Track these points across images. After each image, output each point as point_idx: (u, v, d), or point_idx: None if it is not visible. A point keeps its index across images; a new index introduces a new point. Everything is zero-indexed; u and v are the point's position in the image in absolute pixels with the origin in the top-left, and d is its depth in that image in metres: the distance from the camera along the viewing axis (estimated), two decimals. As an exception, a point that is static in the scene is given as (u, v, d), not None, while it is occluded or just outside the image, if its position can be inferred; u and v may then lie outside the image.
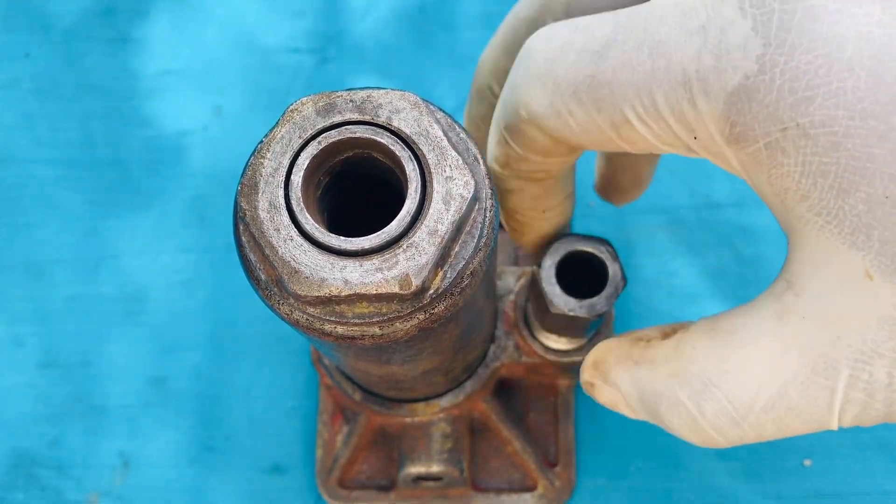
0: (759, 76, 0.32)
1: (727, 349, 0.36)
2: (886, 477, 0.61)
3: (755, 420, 0.36)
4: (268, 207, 0.34)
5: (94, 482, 0.63)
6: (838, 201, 0.31)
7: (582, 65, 0.36)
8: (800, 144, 0.32)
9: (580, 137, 0.38)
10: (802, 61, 0.31)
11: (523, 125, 0.40)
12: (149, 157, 0.70)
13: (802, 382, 0.34)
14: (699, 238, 0.66)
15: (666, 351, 0.39)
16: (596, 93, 0.36)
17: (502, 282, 0.58)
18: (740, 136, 0.33)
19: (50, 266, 0.67)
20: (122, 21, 0.73)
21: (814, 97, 0.31)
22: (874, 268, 0.31)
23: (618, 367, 0.41)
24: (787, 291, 0.34)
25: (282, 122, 0.35)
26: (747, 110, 0.32)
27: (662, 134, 0.36)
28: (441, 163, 0.34)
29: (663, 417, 0.39)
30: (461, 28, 0.72)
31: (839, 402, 0.34)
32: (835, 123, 0.31)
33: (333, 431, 0.61)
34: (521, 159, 0.42)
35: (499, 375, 0.58)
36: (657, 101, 0.34)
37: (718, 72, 0.33)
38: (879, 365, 0.32)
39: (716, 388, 0.36)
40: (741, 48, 0.32)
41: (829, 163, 0.31)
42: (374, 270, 0.33)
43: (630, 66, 0.35)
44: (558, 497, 0.60)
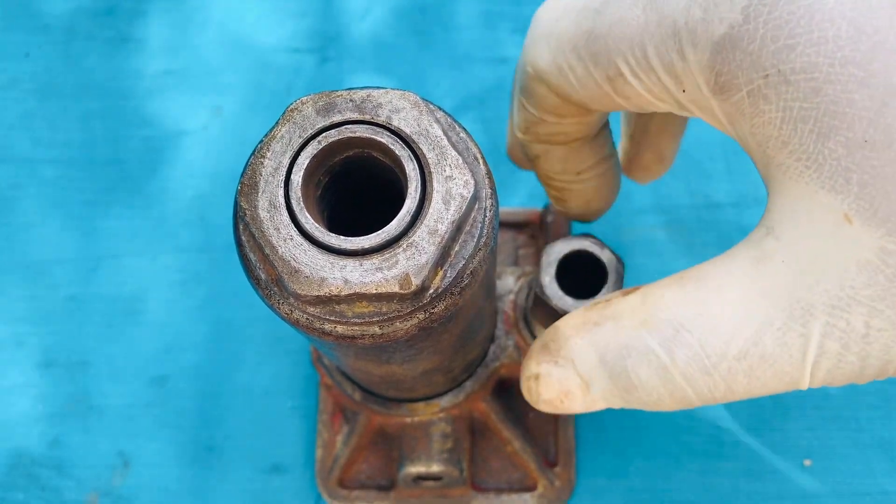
0: (743, 26, 0.33)
1: (701, 293, 0.35)
2: (886, 477, 0.61)
3: (727, 369, 0.35)
4: (268, 207, 0.34)
5: (93, 482, 0.63)
6: (818, 145, 0.31)
7: (582, 22, 0.39)
8: (781, 91, 0.32)
9: (580, 93, 0.40)
10: (785, 11, 0.32)
11: (532, 83, 0.42)
12: (148, 157, 0.70)
13: (778, 328, 0.33)
14: (699, 238, 0.66)
15: (631, 303, 0.38)
16: (593, 47, 0.38)
17: (502, 282, 0.58)
18: (725, 85, 0.34)
19: (50, 266, 0.67)
20: (121, 21, 0.73)
21: (795, 45, 0.32)
22: (853, 211, 0.31)
23: (573, 336, 0.39)
24: (766, 237, 0.34)
25: (282, 121, 0.35)
26: (732, 59, 0.33)
27: (653, 87, 0.37)
28: (441, 162, 0.34)
29: (630, 372, 0.37)
30: (461, 28, 0.72)
31: (813, 353, 0.33)
32: (815, 70, 0.31)
33: (333, 431, 0.61)
34: (538, 121, 0.44)
35: (499, 375, 0.58)
36: (648, 54, 0.36)
37: (706, 23, 0.34)
38: (857, 313, 0.32)
39: (688, 332, 0.35)
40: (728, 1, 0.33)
41: (809, 108, 0.32)
42: (373, 270, 0.33)
43: (625, 20, 0.37)
44: (558, 497, 0.60)
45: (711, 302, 0.35)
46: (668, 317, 0.36)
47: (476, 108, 0.70)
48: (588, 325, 0.39)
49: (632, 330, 0.37)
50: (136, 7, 0.73)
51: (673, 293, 0.36)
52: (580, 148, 0.46)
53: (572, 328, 0.40)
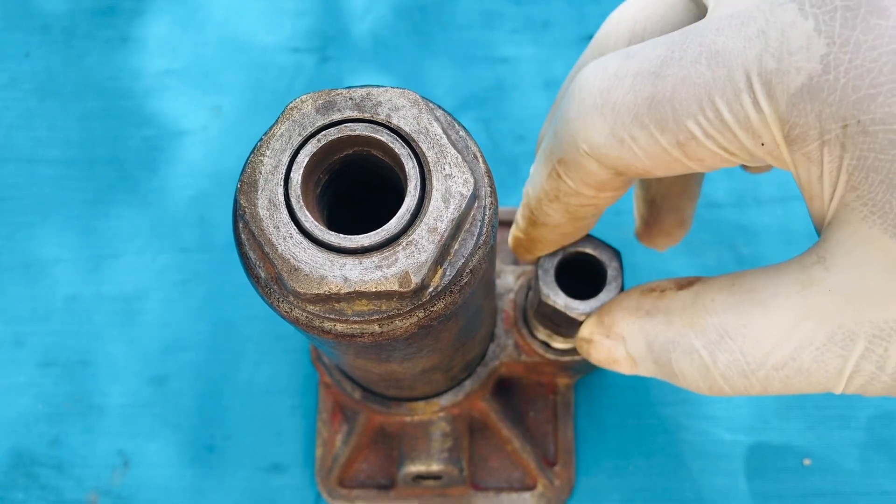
0: (823, 76, 0.32)
1: (748, 306, 0.37)
2: (886, 477, 0.61)
3: (764, 375, 0.37)
4: (267, 205, 0.34)
5: (93, 481, 0.63)
6: (886, 195, 0.32)
7: (639, 87, 0.36)
8: (858, 140, 0.32)
9: (645, 163, 0.38)
10: (868, 59, 0.31)
11: (582, 159, 0.39)
12: (148, 157, 0.70)
13: (818, 348, 0.35)
14: (699, 238, 0.66)
15: (683, 301, 0.40)
16: (658, 113, 0.36)
17: (502, 280, 0.58)
18: (799, 136, 0.33)
19: (50, 266, 0.67)
20: (121, 21, 0.73)
21: (877, 95, 0.31)
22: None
23: (626, 318, 0.42)
24: (816, 264, 0.35)
25: (281, 119, 0.35)
26: (809, 110, 0.33)
27: (728, 145, 0.36)
28: (440, 160, 0.34)
29: (674, 365, 0.40)
30: (461, 27, 0.72)
31: (849, 371, 0.35)
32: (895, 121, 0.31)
33: (333, 430, 0.61)
34: (573, 194, 0.42)
35: (498, 374, 0.58)
36: (721, 111, 0.34)
37: (781, 74, 0.33)
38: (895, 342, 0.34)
39: (731, 340, 0.38)
40: (804, 49, 0.32)
41: (884, 159, 0.32)
42: (373, 268, 0.33)
43: (689, 79, 0.35)
44: (558, 496, 0.60)
45: (757, 315, 0.37)
46: (714, 322, 0.38)
47: (476, 108, 0.70)
48: (640, 311, 0.42)
49: (680, 327, 0.40)
50: (136, 7, 0.73)
51: (723, 299, 0.38)
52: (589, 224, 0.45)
53: (626, 310, 0.43)
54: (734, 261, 0.65)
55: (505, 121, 0.70)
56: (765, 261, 0.65)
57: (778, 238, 0.65)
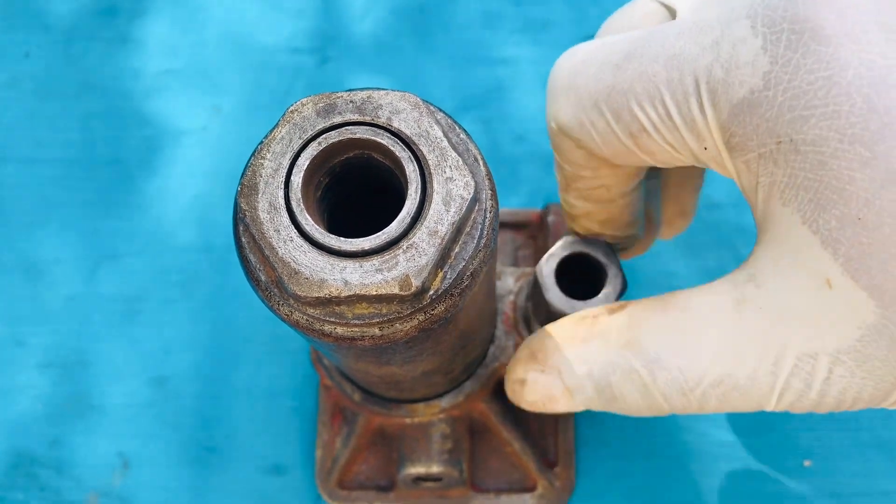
0: (763, 91, 0.34)
1: (683, 325, 0.39)
2: (886, 477, 0.61)
3: (701, 393, 0.38)
4: (268, 208, 0.34)
5: (93, 482, 0.63)
6: (814, 214, 0.33)
7: (602, 76, 0.39)
8: (790, 158, 0.33)
9: (602, 148, 0.40)
10: (805, 81, 0.33)
11: (556, 138, 0.42)
12: (148, 157, 0.70)
13: (750, 366, 0.37)
14: (699, 238, 0.66)
15: (618, 323, 0.41)
16: (614, 102, 0.38)
17: (502, 282, 0.58)
18: (738, 145, 0.35)
19: (50, 266, 0.67)
20: (121, 21, 0.73)
21: (810, 116, 0.33)
22: (835, 278, 0.33)
23: (561, 349, 0.43)
24: (748, 282, 0.37)
25: (282, 122, 0.35)
26: (748, 122, 0.34)
27: (675, 142, 0.38)
28: (441, 164, 0.34)
29: (614, 386, 0.41)
30: (461, 28, 0.72)
31: (780, 388, 0.36)
32: (825, 144, 0.32)
33: (333, 432, 0.61)
34: (575, 177, 0.44)
35: (499, 376, 0.58)
36: (670, 109, 0.36)
37: (726, 84, 0.35)
38: (823, 361, 0.35)
39: (669, 359, 0.39)
40: (750, 64, 0.34)
41: (812, 179, 0.33)
42: (373, 271, 0.33)
43: (646, 75, 0.37)
44: (558, 497, 0.60)
45: (693, 334, 0.38)
46: (651, 341, 0.40)
47: (476, 109, 0.70)
48: (576, 339, 0.43)
49: (618, 349, 0.41)
50: (136, 7, 0.73)
51: (658, 319, 0.40)
52: (620, 212, 0.47)
53: (560, 341, 0.43)
54: (734, 261, 0.65)
55: (505, 121, 0.70)
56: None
57: (778, 239, 0.65)
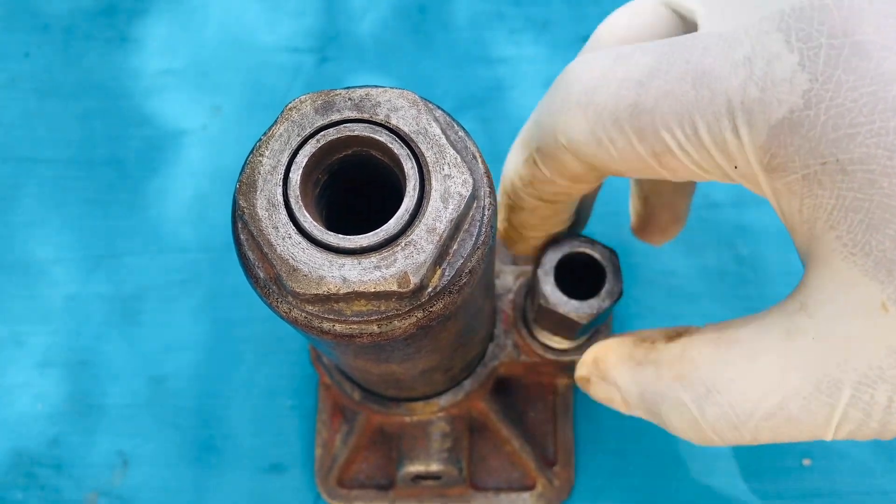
0: (804, 111, 0.32)
1: (733, 358, 0.38)
2: (886, 477, 0.61)
3: (754, 427, 0.37)
4: (266, 205, 0.34)
5: (93, 481, 0.63)
6: (866, 236, 0.32)
7: (624, 93, 0.37)
8: (837, 179, 0.32)
9: (619, 165, 0.39)
10: (848, 98, 0.31)
11: (559, 152, 0.40)
12: (148, 157, 0.70)
13: (804, 398, 0.35)
14: (698, 238, 0.66)
15: (671, 354, 0.40)
16: (638, 121, 0.36)
17: (501, 281, 0.58)
18: (779, 166, 0.34)
19: (49, 266, 0.67)
20: (121, 20, 0.73)
21: (856, 135, 0.31)
22: (891, 301, 0.32)
23: (619, 366, 0.43)
24: (799, 312, 0.35)
25: (280, 120, 0.35)
26: (789, 143, 0.33)
27: (702, 162, 0.36)
28: (439, 161, 0.34)
29: (664, 417, 0.40)
30: (460, 27, 0.72)
31: (837, 419, 0.35)
32: (873, 162, 0.31)
33: (332, 431, 0.61)
34: (547, 182, 0.42)
35: (498, 374, 0.58)
36: (699, 130, 0.35)
37: (763, 104, 0.33)
38: (882, 389, 0.34)
39: (719, 394, 0.38)
40: (788, 82, 0.33)
41: (862, 199, 0.32)
42: (372, 268, 0.33)
43: (673, 95, 0.35)
44: (557, 496, 0.60)
45: (743, 367, 0.37)
46: (702, 376, 0.39)
47: (475, 108, 0.70)
48: (632, 361, 0.42)
49: (669, 380, 0.40)
50: (136, 7, 0.73)
51: (709, 352, 0.39)
52: (565, 208, 0.46)
53: (618, 358, 0.43)
54: (733, 261, 0.65)
55: (504, 121, 0.70)
56: (764, 261, 0.65)
57: (777, 238, 0.65)
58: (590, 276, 0.50)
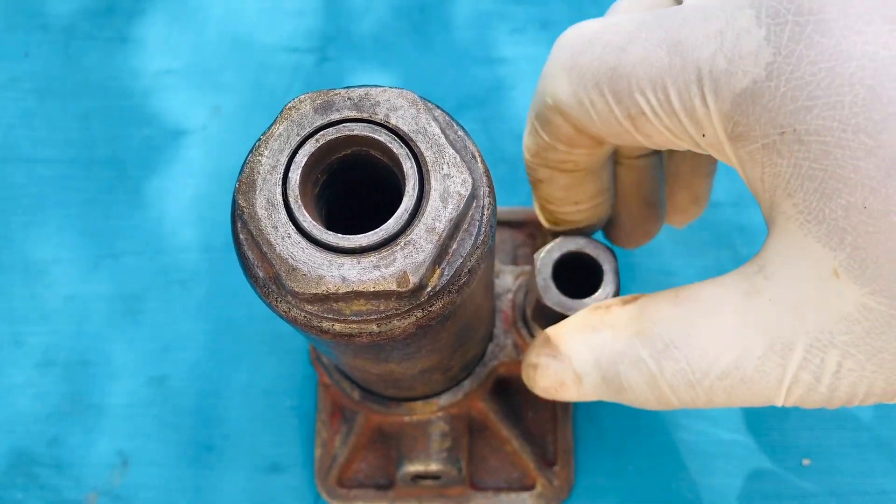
0: (766, 82, 0.34)
1: (692, 315, 0.39)
2: (885, 477, 0.61)
3: (709, 385, 0.38)
4: (265, 205, 0.34)
5: (92, 481, 0.63)
6: (820, 204, 0.33)
7: (606, 57, 0.39)
8: (794, 149, 0.34)
9: (600, 128, 0.40)
10: (807, 72, 0.33)
11: (549, 113, 0.42)
12: (148, 157, 0.70)
13: (759, 357, 0.37)
14: (698, 237, 0.66)
15: (629, 313, 0.41)
16: (616, 84, 0.38)
17: (501, 280, 0.58)
18: (741, 135, 0.35)
19: (49, 265, 0.67)
20: (121, 20, 0.73)
21: (813, 107, 0.33)
22: (842, 268, 0.33)
23: (573, 335, 0.43)
24: (757, 274, 0.37)
25: (279, 119, 0.35)
26: (751, 112, 0.35)
27: (674, 128, 0.38)
28: (439, 160, 0.34)
29: (622, 376, 0.41)
30: (461, 27, 0.72)
31: (788, 380, 0.36)
32: (828, 133, 0.33)
33: (332, 430, 0.61)
34: (549, 148, 0.44)
35: (497, 374, 0.58)
36: (671, 96, 0.37)
37: (729, 74, 0.35)
38: (832, 354, 0.35)
39: (677, 349, 0.39)
40: (753, 55, 0.34)
41: (817, 168, 0.33)
42: (371, 268, 0.33)
43: (649, 60, 0.37)
44: (557, 496, 0.60)
45: (701, 324, 0.38)
46: (660, 331, 0.39)
47: (475, 108, 0.70)
48: (587, 328, 0.43)
49: (626, 339, 0.41)
50: (136, 7, 0.73)
51: (668, 309, 0.40)
52: (584, 179, 0.47)
53: (573, 328, 0.43)
54: (733, 260, 0.65)
55: (504, 121, 0.70)
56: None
57: (777, 238, 0.65)
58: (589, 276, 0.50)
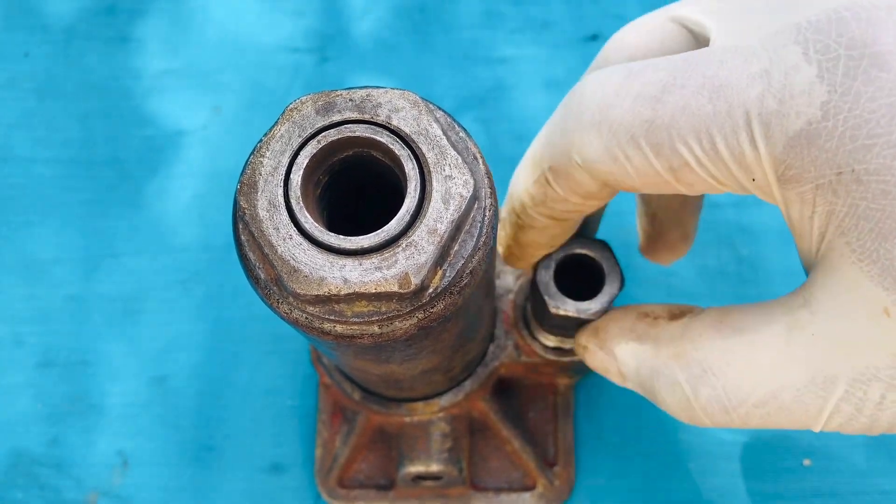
0: (822, 122, 0.32)
1: (733, 344, 0.38)
2: (885, 477, 0.61)
3: (745, 412, 0.38)
4: (267, 206, 0.34)
5: (93, 481, 0.63)
6: (875, 244, 0.33)
7: (639, 109, 0.37)
8: (851, 189, 0.33)
9: (636, 181, 0.38)
10: (867, 109, 0.32)
11: (573, 170, 0.40)
12: (148, 157, 0.70)
13: (798, 389, 0.36)
14: (699, 238, 0.66)
15: (672, 333, 0.41)
16: (655, 137, 0.36)
17: (501, 281, 0.58)
18: (794, 177, 0.34)
19: (49, 266, 0.67)
20: (121, 20, 0.73)
21: (873, 146, 0.32)
22: (894, 307, 0.33)
23: (619, 338, 0.44)
24: (802, 308, 0.36)
25: (281, 120, 0.35)
26: (806, 154, 0.33)
27: (719, 175, 0.36)
28: (440, 162, 0.34)
29: (657, 393, 0.41)
30: (461, 27, 0.72)
31: (828, 412, 0.36)
32: (888, 173, 0.32)
33: (333, 431, 0.61)
34: (560, 200, 0.42)
35: (498, 375, 0.58)
36: (717, 144, 0.35)
37: (781, 116, 0.33)
38: (875, 387, 0.35)
39: (714, 376, 0.38)
40: (806, 94, 0.33)
41: (875, 208, 0.32)
42: (373, 269, 0.33)
43: (690, 109, 0.35)
44: (557, 496, 0.60)
45: (741, 354, 0.38)
46: (699, 357, 0.39)
47: (476, 108, 0.70)
48: (632, 334, 0.43)
49: (666, 358, 0.41)
50: (136, 7, 0.73)
51: (710, 335, 0.39)
52: (573, 226, 0.46)
53: (619, 330, 0.44)
54: (734, 261, 0.65)
55: (505, 121, 0.70)
56: (764, 261, 0.65)
57: (777, 238, 0.65)
58: (590, 277, 0.50)
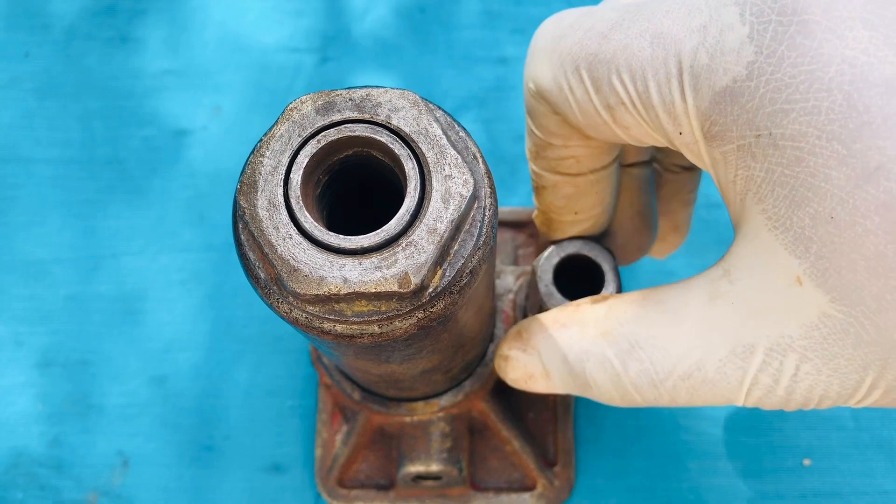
0: (746, 82, 0.34)
1: (657, 317, 0.39)
2: (885, 477, 0.61)
3: (672, 385, 0.39)
4: (267, 206, 0.34)
5: (93, 481, 0.63)
6: (789, 212, 0.33)
7: (587, 42, 0.38)
8: (768, 153, 0.33)
9: (578, 116, 0.40)
10: (787, 74, 0.33)
11: (533, 100, 0.42)
12: (148, 157, 0.70)
13: (720, 359, 0.37)
14: (698, 238, 0.66)
15: (596, 313, 0.42)
16: (595, 70, 0.38)
17: (502, 281, 0.58)
18: (717, 134, 0.35)
19: (50, 266, 0.67)
20: (121, 20, 0.73)
21: (790, 111, 0.33)
22: (806, 276, 0.33)
23: (543, 332, 0.44)
24: (722, 278, 0.37)
25: (281, 120, 0.35)
26: (729, 112, 0.34)
27: (651, 122, 0.38)
28: (440, 161, 0.34)
29: (588, 374, 0.42)
30: (461, 28, 0.72)
31: (748, 382, 0.37)
32: (803, 140, 0.32)
33: (333, 431, 0.61)
34: (545, 145, 0.44)
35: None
36: (650, 88, 0.36)
37: (710, 70, 0.34)
38: (791, 358, 0.35)
39: (641, 350, 0.39)
40: (735, 52, 0.34)
41: (789, 175, 0.33)
42: (373, 269, 0.33)
43: (630, 49, 0.37)
44: (557, 496, 0.60)
45: (665, 326, 0.39)
46: (626, 332, 0.40)
47: (476, 108, 0.70)
48: (557, 324, 0.43)
49: (593, 337, 0.41)
50: (136, 7, 0.73)
51: (634, 311, 0.40)
52: (586, 191, 0.46)
53: (543, 324, 0.44)
54: (734, 261, 0.65)
55: (505, 121, 0.70)
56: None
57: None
58: (589, 278, 0.50)
